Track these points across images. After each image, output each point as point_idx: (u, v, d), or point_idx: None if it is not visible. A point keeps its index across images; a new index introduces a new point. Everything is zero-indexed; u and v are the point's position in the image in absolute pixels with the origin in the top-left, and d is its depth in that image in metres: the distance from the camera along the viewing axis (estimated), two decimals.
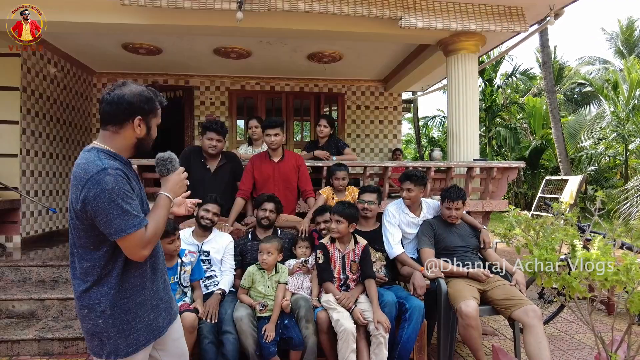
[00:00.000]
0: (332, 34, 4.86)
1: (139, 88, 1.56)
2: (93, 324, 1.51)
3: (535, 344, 2.55)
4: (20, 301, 3.63)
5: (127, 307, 1.52)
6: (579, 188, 7.17)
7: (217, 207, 3.13)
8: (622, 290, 1.33)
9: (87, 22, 4.36)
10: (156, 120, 1.62)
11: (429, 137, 21.48)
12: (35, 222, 5.42)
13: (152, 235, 1.50)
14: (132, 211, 1.44)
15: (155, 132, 1.63)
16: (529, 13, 4.70)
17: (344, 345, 2.60)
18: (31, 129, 5.32)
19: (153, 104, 1.58)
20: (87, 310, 1.51)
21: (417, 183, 3.29)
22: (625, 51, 16.66)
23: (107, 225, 1.42)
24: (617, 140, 12.31)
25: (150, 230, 1.49)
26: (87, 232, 1.48)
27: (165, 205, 1.58)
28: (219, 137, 3.54)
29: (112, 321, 1.50)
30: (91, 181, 1.41)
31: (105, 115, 1.53)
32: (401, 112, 8.21)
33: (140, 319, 1.56)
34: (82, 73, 6.72)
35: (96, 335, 1.52)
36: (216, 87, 7.45)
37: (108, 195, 1.40)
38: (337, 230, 2.88)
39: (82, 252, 1.51)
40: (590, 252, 1.36)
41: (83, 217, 1.45)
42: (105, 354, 1.52)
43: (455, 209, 3.22)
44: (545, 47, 10.74)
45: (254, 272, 2.88)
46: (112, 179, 1.42)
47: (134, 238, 1.44)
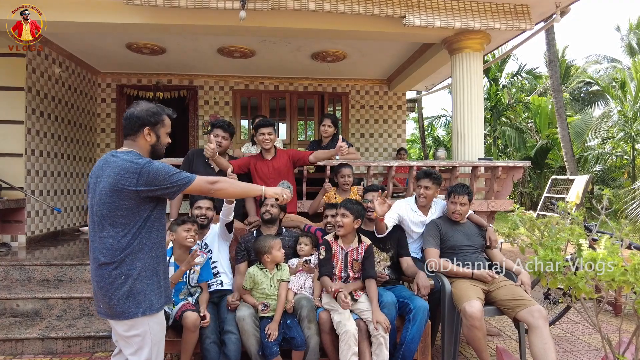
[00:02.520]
0: (336, 33, 4.84)
1: (148, 105, 1.98)
2: (131, 287, 1.84)
3: (540, 345, 2.52)
4: (25, 300, 3.64)
5: (157, 269, 1.93)
6: (585, 188, 7.09)
7: (209, 202, 3.13)
8: (629, 291, 1.30)
9: (90, 22, 4.37)
10: (164, 130, 2.00)
11: (434, 137, 21.41)
12: (40, 221, 5.44)
13: (217, 180, 1.98)
14: (181, 171, 1.93)
15: (165, 140, 2.02)
16: (534, 11, 4.65)
17: (346, 347, 2.58)
18: (36, 129, 5.34)
19: (159, 117, 1.98)
20: (124, 277, 1.84)
21: (435, 182, 3.30)
22: (637, 47, 16.45)
23: (162, 186, 1.85)
24: (624, 140, 12.19)
25: (214, 180, 1.99)
26: (131, 210, 1.85)
27: (255, 188, 2.15)
28: (225, 134, 3.54)
29: (147, 281, 1.87)
30: (146, 167, 1.84)
31: (124, 129, 1.97)
32: (405, 112, 8.17)
33: (165, 281, 1.98)
34: (86, 73, 6.74)
35: (132, 297, 1.84)
36: (220, 86, 7.45)
37: (164, 170, 1.86)
38: (342, 224, 2.86)
39: (119, 229, 1.84)
40: (597, 252, 1.32)
41: (135, 196, 1.83)
42: (142, 310, 1.85)
43: (460, 204, 3.19)
44: (551, 46, 10.64)
45: (256, 272, 2.86)
46: (159, 163, 1.88)
47: (196, 184, 1.91)
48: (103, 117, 7.16)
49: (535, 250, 1.48)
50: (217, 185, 1.97)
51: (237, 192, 2.10)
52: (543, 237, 1.51)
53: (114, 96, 7.20)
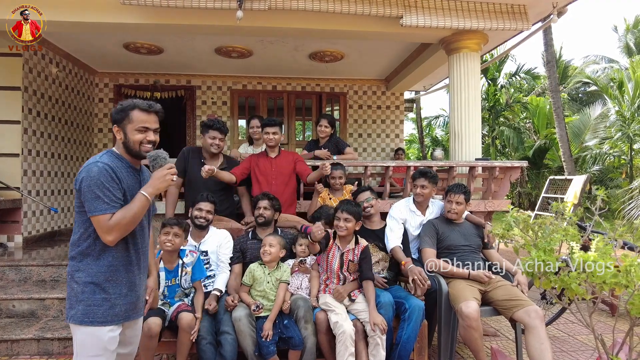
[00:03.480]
0: (333, 33, 4.84)
1: (123, 102, 1.89)
2: (70, 288, 1.82)
3: (537, 346, 2.52)
4: (21, 300, 3.63)
5: (97, 281, 1.79)
6: (583, 188, 7.09)
7: (211, 205, 3.11)
8: (621, 292, 1.30)
9: (87, 21, 4.35)
10: (132, 126, 1.84)
11: (432, 137, 21.41)
12: (37, 221, 5.43)
13: (116, 224, 1.73)
14: (104, 198, 1.73)
15: (135, 136, 1.84)
16: (531, 11, 4.65)
17: (342, 347, 2.58)
18: (33, 129, 5.32)
19: (124, 113, 1.85)
20: (69, 276, 1.83)
21: (431, 180, 3.33)
22: (635, 48, 16.48)
23: (85, 203, 1.76)
24: (622, 140, 12.19)
25: (115, 218, 1.73)
26: (80, 208, 1.81)
27: (138, 200, 1.79)
28: (221, 135, 3.54)
29: (82, 289, 1.78)
30: (85, 168, 1.78)
31: None
32: (403, 112, 8.17)
33: (105, 298, 1.80)
34: (83, 73, 6.72)
35: (69, 299, 1.82)
36: (218, 86, 7.44)
37: (89, 181, 1.74)
38: (346, 229, 2.89)
39: (76, 225, 1.84)
40: (588, 254, 1.32)
41: (78, 195, 1.79)
42: (69, 317, 1.80)
43: (457, 202, 3.20)
44: (549, 46, 10.66)
45: (255, 268, 2.87)
46: (97, 169, 1.76)
47: (99, 220, 1.73)
48: (100, 117, 7.15)
49: (529, 252, 1.48)
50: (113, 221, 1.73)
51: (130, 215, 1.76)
52: (537, 238, 1.51)
53: (112, 96, 7.18)
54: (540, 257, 1.31)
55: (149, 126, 1.86)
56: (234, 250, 3.13)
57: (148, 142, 1.86)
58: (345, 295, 2.86)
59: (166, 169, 1.82)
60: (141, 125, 1.85)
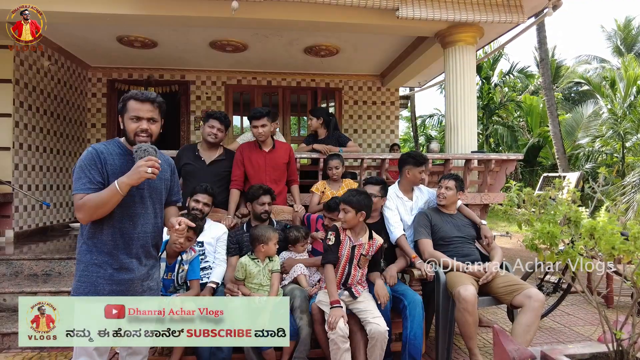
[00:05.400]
0: (329, 25, 4.81)
1: None
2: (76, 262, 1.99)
3: (524, 326, 2.50)
4: (12, 294, 3.56)
5: (85, 258, 1.92)
6: (576, 185, 7.16)
7: (208, 197, 3.07)
8: (628, 260, 1.28)
9: (79, 12, 4.29)
10: (128, 115, 1.92)
11: (426, 136, 21.46)
12: (28, 216, 5.35)
13: (82, 204, 1.82)
14: (82, 179, 1.84)
15: (130, 125, 1.91)
16: (527, 4, 4.66)
17: (334, 347, 2.49)
18: (24, 122, 5.25)
19: (123, 104, 1.95)
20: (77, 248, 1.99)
21: (416, 162, 3.33)
22: (624, 49, 16.68)
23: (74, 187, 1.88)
24: (614, 138, 12.31)
25: (83, 200, 1.82)
26: None
27: (109, 188, 1.82)
28: (220, 126, 3.49)
29: (78, 265, 1.95)
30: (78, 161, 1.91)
31: None
32: (398, 108, 8.18)
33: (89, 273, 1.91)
34: (77, 67, 6.65)
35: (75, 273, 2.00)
36: (212, 81, 7.39)
37: (77, 163, 1.90)
38: (345, 220, 2.70)
39: None
40: (596, 220, 1.31)
41: None
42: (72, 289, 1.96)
43: (446, 187, 3.22)
44: (542, 44, 10.71)
45: (247, 262, 2.81)
46: (85, 153, 1.89)
47: (74, 198, 1.86)
48: (93, 112, 7.07)
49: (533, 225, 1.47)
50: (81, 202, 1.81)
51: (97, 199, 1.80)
52: (541, 212, 1.50)
53: (105, 91, 7.11)
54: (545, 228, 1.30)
55: (141, 115, 1.90)
56: (229, 242, 3.09)
57: (142, 131, 1.90)
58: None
59: (143, 161, 1.78)
60: (133, 114, 1.91)
